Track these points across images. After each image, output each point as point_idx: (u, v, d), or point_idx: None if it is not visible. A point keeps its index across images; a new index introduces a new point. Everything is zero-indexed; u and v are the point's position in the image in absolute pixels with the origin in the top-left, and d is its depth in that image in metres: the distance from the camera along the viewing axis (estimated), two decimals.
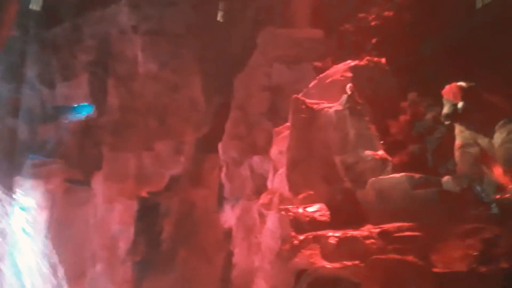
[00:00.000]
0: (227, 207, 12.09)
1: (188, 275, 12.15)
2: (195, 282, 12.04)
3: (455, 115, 7.65)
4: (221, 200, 12.30)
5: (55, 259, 12.16)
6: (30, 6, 14.91)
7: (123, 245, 12.53)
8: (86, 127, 13.99)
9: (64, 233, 12.74)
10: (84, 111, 14.30)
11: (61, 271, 12.04)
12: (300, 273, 7.28)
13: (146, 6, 14.51)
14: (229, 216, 11.95)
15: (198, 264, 12.26)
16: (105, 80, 14.21)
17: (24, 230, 12.53)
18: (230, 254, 11.25)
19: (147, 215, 12.85)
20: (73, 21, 14.95)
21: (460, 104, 7.58)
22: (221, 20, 14.95)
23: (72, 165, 13.49)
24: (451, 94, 7.73)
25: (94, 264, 12.52)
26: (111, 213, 12.71)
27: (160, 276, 12.26)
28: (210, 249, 12.37)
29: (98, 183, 13.18)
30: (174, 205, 12.90)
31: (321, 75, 10.97)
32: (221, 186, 12.33)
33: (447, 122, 7.85)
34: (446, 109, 7.76)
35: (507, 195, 6.39)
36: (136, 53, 14.16)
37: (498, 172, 7.24)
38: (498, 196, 6.62)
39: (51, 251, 12.30)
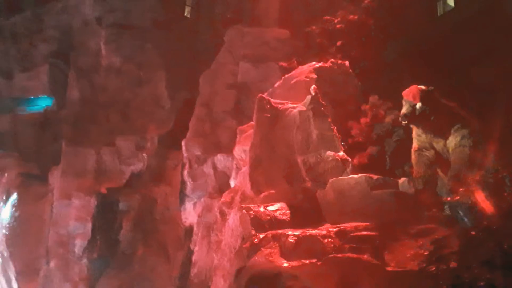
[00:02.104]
0: (188, 205, 11.96)
1: (146, 273, 11.94)
2: (153, 280, 11.85)
3: (412, 115, 7.84)
4: (182, 198, 12.15)
5: (7, 254, 11.71)
6: None
7: (79, 242, 12.16)
8: (45, 120, 13.54)
9: (17, 229, 12.27)
10: (43, 104, 13.84)
11: (12, 268, 11.61)
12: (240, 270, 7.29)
13: None
14: (190, 214, 11.83)
15: (157, 261, 12.08)
16: (66, 72, 13.80)
17: None
18: (190, 252, 11.13)
19: (106, 211, 12.52)
20: (34, 10, 14.47)
21: (418, 105, 7.77)
22: (188, 16, 14.80)
23: (28, 158, 13.01)
24: (411, 95, 7.92)
25: (48, 260, 12.11)
26: (68, 209, 12.31)
27: (117, 274, 11.98)
28: (169, 246, 12.20)
29: (55, 178, 12.76)
30: (134, 202, 12.63)
31: (286, 75, 11.06)
32: (183, 183, 12.17)
33: (404, 122, 8.04)
34: (404, 109, 7.95)
35: (458, 197, 6.61)
36: (99, 46, 13.83)
37: (451, 174, 7.48)
38: (449, 198, 6.84)
39: (3, 246, 11.84)
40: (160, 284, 11.85)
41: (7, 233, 12.28)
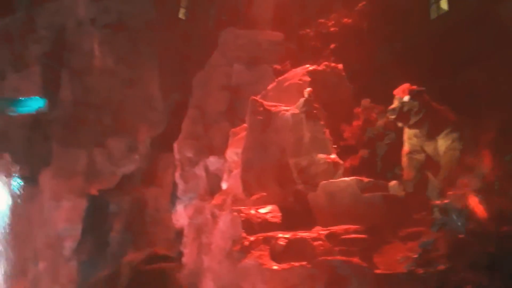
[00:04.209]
0: (179, 207, 11.89)
1: (136, 276, 11.84)
2: (144, 284, 11.75)
3: (401, 111, 7.87)
4: (174, 200, 12.09)
5: None
6: None
7: (68, 244, 12.06)
8: (36, 121, 13.42)
9: (6, 230, 12.15)
10: (35, 104, 13.71)
11: (1, 269, 11.49)
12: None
13: None
14: (181, 216, 11.76)
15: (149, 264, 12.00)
16: (58, 73, 13.70)
17: None
18: (180, 254, 11.07)
19: (96, 213, 12.44)
20: (27, 10, 14.37)
21: (406, 99, 7.79)
22: (182, 17, 14.77)
23: (19, 159, 12.90)
24: (401, 91, 7.98)
25: (37, 262, 11.99)
26: (58, 211, 12.21)
27: (108, 276, 11.88)
28: (160, 248, 12.13)
29: (45, 179, 12.65)
30: (125, 203, 12.56)
31: (279, 78, 11.04)
32: (174, 185, 12.12)
33: (392, 117, 8.05)
34: (393, 104, 7.98)
35: (447, 200, 6.61)
36: (92, 46, 13.74)
37: (441, 177, 7.48)
38: (438, 202, 6.84)
39: None
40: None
41: None
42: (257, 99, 9.91)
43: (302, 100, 9.57)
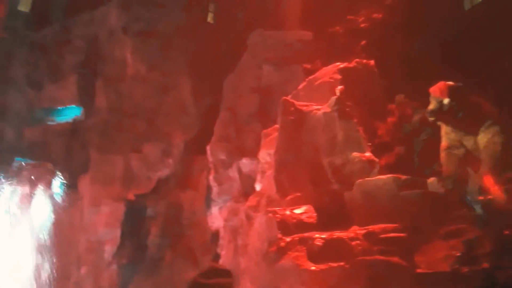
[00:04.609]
0: (214, 209, 11.99)
1: (174, 278, 12.02)
2: (181, 285, 11.89)
3: (440, 112, 7.62)
4: (208, 202, 12.20)
5: (41, 262, 12.00)
6: (19, 8, 14.80)
7: (109, 248, 12.38)
8: (73, 129, 13.85)
9: (49, 236, 12.57)
10: (72, 113, 14.17)
11: (44, 274, 11.88)
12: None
13: (136, 7, 14.45)
14: (216, 218, 11.86)
15: (185, 266, 12.14)
16: (93, 81, 14.10)
17: (8, 232, 12.37)
18: (217, 256, 11.15)
19: (134, 217, 12.72)
20: (62, 22, 14.88)
21: (446, 101, 7.55)
22: (211, 22, 14.91)
23: (59, 167, 13.31)
24: (438, 91, 7.71)
25: (79, 267, 12.36)
26: (98, 216, 12.56)
27: (146, 279, 12.13)
28: (196, 251, 12.26)
29: (84, 185, 13.04)
30: (161, 207, 12.78)
31: (310, 77, 10.96)
32: (209, 188, 12.23)
33: (431, 119, 7.83)
34: (431, 106, 7.74)
35: (490, 196, 6.37)
36: (125, 55, 14.07)
37: (482, 173, 7.23)
38: (481, 198, 6.60)
39: (35, 253, 12.13)
40: None
41: (40, 240, 12.59)
42: (288, 99, 9.88)
43: (333, 98, 9.47)
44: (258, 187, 10.48)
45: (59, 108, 14.22)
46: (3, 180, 12.80)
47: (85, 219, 12.74)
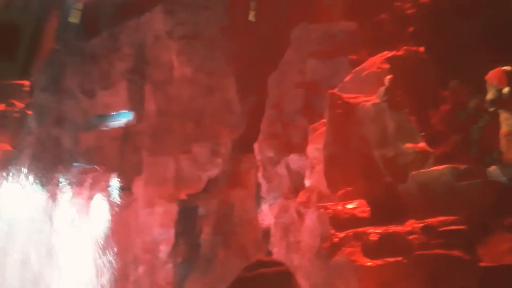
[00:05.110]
0: (264, 207, 12.00)
1: (228, 276, 12.13)
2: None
3: (500, 100, 7.23)
4: (258, 200, 12.25)
5: (100, 262, 12.53)
6: (69, 19, 15.50)
7: (164, 248, 12.72)
8: (126, 133, 14.31)
9: (107, 238, 13.09)
10: (123, 118, 14.66)
11: (105, 274, 12.39)
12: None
13: (180, 11, 14.73)
14: (267, 216, 11.87)
15: (238, 264, 12.22)
16: (142, 86, 14.51)
17: (70, 234, 13.01)
18: (269, 254, 11.17)
19: (187, 217, 12.99)
20: (110, 31, 15.41)
21: (505, 89, 7.16)
22: (253, 20, 14.92)
23: (113, 171, 13.84)
24: (496, 79, 7.32)
25: (136, 267, 12.78)
26: (152, 217, 12.93)
27: (201, 277, 12.35)
28: (249, 249, 12.33)
29: (138, 187, 13.46)
30: (212, 206, 12.98)
31: (356, 68, 10.71)
32: (258, 185, 12.28)
33: (492, 109, 7.42)
34: (490, 95, 7.37)
35: None
36: (171, 58, 14.37)
37: None
38: None
39: (96, 254, 12.68)
40: None
41: (99, 242, 13.15)
42: (335, 92, 9.71)
43: (382, 89, 9.22)
44: (307, 183, 10.38)
45: (111, 114, 14.75)
46: (63, 184, 13.49)
47: (140, 220, 13.15)
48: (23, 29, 15.85)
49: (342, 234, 7.73)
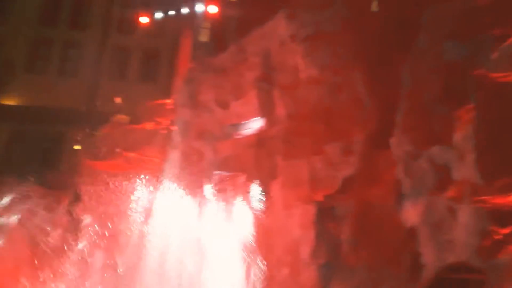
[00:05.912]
0: (407, 205, 11.18)
1: (372, 276, 11.62)
2: (381, 284, 11.43)
3: None
4: (399, 198, 11.49)
5: (247, 265, 13.02)
6: (200, 38, 16.66)
7: (305, 249, 12.71)
8: (259, 139, 14.74)
9: (253, 241, 13.56)
10: (256, 125, 15.15)
11: (253, 276, 12.84)
12: None
13: (301, 13, 14.76)
14: (410, 214, 11.04)
15: (384, 265, 11.64)
16: (271, 92, 14.83)
17: (217, 240, 13.81)
18: (417, 254, 10.38)
19: (324, 218, 12.83)
20: (237, 43, 16.13)
21: None
22: (376, 10, 14.27)
23: (251, 176, 14.34)
24: None
25: (280, 268, 12.96)
26: (291, 219, 13.05)
27: (346, 279, 12.01)
28: (394, 249, 11.62)
29: (276, 191, 13.70)
30: (350, 206, 12.58)
31: (504, 44, 9.53)
32: (398, 182, 11.52)
33: None
34: None
35: None
36: (296, 61, 14.43)
37: None
38: None
39: (243, 257, 13.22)
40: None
41: (245, 245, 13.77)
42: (482, 73, 8.72)
43: None
44: (456, 175, 9.44)
45: (244, 122, 15.38)
46: (207, 192, 14.45)
47: (280, 223, 13.37)
48: (162, 53, 17.49)
49: (506, 230, 6.81)
